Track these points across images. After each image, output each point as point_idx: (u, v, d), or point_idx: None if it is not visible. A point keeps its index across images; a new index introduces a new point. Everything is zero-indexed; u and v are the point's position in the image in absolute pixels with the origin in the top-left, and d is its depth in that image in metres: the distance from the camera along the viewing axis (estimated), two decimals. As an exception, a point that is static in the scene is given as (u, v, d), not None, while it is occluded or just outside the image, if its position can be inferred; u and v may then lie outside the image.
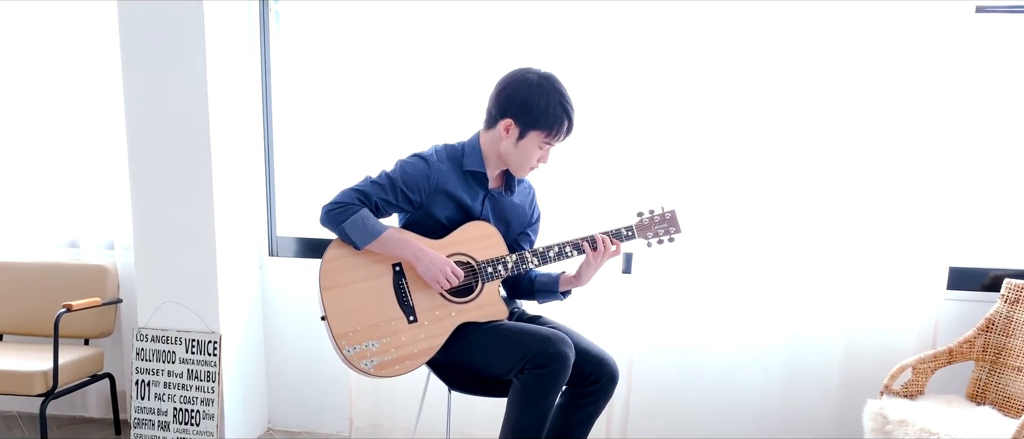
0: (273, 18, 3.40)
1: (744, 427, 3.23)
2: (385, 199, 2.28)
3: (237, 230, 3.34)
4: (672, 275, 3.16)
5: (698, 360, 3.22)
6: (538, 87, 2.24)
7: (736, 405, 3.23)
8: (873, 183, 2.99)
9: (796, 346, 3.14)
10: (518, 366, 2.18)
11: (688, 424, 3.26)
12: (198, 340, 3.26)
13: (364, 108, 3.23)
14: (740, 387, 3.21)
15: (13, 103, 3.62)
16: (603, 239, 2.37)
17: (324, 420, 3.62)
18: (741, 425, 3.23)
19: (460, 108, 3.09)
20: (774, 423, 3.21)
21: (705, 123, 3.05)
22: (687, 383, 3.24)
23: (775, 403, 3.20)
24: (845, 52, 2.92)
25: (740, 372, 3.20)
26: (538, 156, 2.32)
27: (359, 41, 3.19)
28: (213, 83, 3.09)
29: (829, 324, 3.11)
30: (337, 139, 3.40)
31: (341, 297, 2.25)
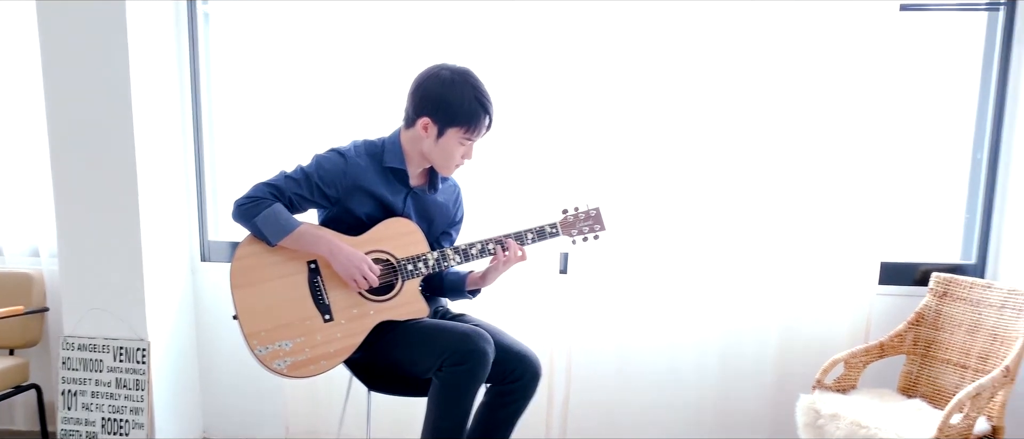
0: (202, 19, 3.33)
1: (682, 423, 3.23)
2: (299, 194, 2.24)
3: (166, 235, 3.26)
4: (609, 274, 3.14)
5: (636, 358, 3.20)
6: (452, 83, 2.21)
7: (674, 402, 3.22)
8: (806, 180, 3.00)
9: (732, 342, 3.15)
10: (437, 364, 2.14)
11: (627, 421, 3.24)
12: (126, 348, 3.18)
13: (297, 109, 3.16)
14: (677, 384, 3.20)
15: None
16: (511, 244, 2.34)
17: (261, 426, 3.55)
18: (679, 421, 3.23)
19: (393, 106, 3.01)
20: (710, 419, 3.21)
21: (641, 121, 3.03)
22: (625, 381, 3.22)
23: (711, 399, 3.20)
24: (775, 50, 2.93)
25: (677, 369, 3.19)
26: (461, 152, 2.29)
27: (291, 41, 3.13)
28: (137, 85, 3.01)
29: (764, 320, 3.11)
30: (270, 141, 3.32)
31: (253, 296, 2.20)
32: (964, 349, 2.83)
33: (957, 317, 2.88)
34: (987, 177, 3.05)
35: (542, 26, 2.97)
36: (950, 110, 3.12)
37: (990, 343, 2.76)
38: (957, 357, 2.84)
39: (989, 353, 2.75)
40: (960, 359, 2.83)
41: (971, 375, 2.78)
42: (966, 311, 2.86)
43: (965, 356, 2.82)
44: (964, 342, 2.83)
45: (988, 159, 3.04)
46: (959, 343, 2.84)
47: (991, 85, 3.01)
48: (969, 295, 2.87)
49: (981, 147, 3.06)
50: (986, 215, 3.07)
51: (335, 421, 3.35)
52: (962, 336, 2.84)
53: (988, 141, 3.04)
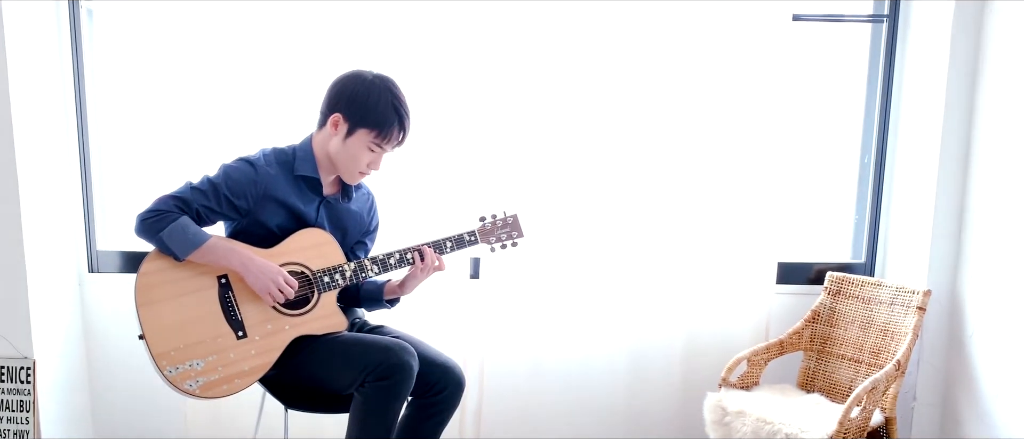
0: (85, 16, 3.14)
1: (593, 425, 3.25)
2: (207, 206, 2.14)
3: (50, 246, 3.05)
4: (520, 280, 3.14)
5: (547, 363, 3.21)
6: (371, 84, 2.16)
7: (585, 405, 3.24)
8: (705, 185, 3.07)
9: (640, 345, 3.19)
10: (359, 379, 2.09)
11: (540, 425, 3.25)
12: (8, 367, 2.96)
13: (191, 111, 3.00)
14: (588, 389, 3.23)
15: None
16: (429, 252, 2.31)
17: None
18: (590, 424, 3.25)
19: (295, 110, 2.94)
20: (620, 422, 3.25)
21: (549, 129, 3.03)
22: (538, 385, 3.23)
23: (622, 401, 3.24)
24: (673, 57, 2.97)
25: (588, 374, 3.21)
26: (368, 160, 2.23)
27: (182, 40, 2.97)
28: (15, 85, 2.80)
29: (670, 322, 3.18)
30: (162, 144, 3.18)
31: (160, 313, 2.09)
32: (857, 344, 2.97)
33: (850, 314, 3.02)
34: (874, 180, 3.21)
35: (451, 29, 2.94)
36: (838, 115, 3.27)
37: (881, 338, 2.91)
38: (851, 352, 2.98)
39: (881, 348, 2.90)
40: (854, 354, 2.98)
41: (865, 369, 2.92)
42: (858, 308, 3.01)
43: (859, 351, 2.97)
44: (857, 338, 2.98)
45: (875, 162, 3.20)
46: (853, 339, 2.99)
47: (876, 92, 3.17)
48: (860, 293, 3.01)
49: (868, 151, 3.23)
50: (874, 216, 3.24)
51: (239, 428, 3.23)
52: (855, 332, 2.99)
53: (875, 145, 3.20)
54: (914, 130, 3.06)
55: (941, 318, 3.03)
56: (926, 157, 2.98)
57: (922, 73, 3.01)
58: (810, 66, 3.17)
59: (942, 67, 2.88)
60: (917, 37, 3.03)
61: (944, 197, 2.94)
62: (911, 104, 3.07)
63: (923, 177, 3.00)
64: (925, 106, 2.99)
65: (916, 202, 3.05)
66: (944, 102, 2.88)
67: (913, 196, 3.07)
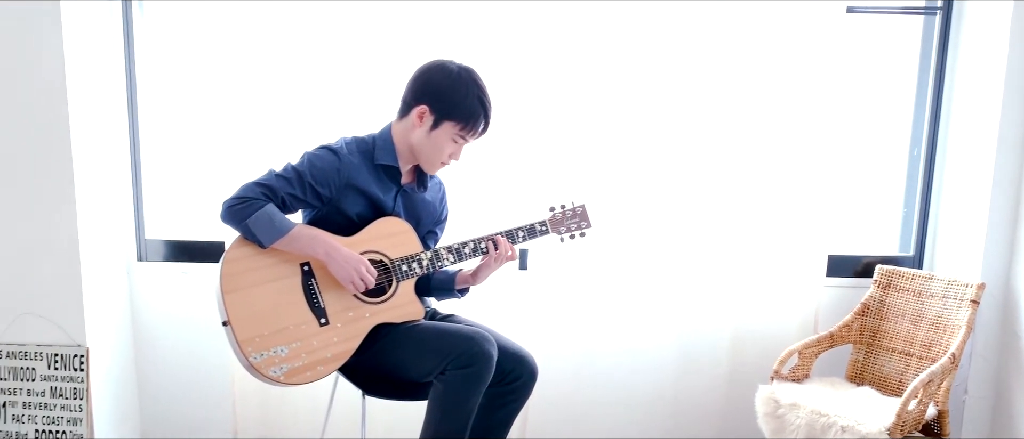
0: (137, 11, 3.17)
1: (640, 419, 3.27)
2: (292, 194, 2.14)
3: (103, 234, 3.06)
4: (568, 272, 3.15)
5: (595, 355, 3.22)
6: (458, 77, 2.17)
7: (632, 398, 3.26)
8: (756, 178, 3.08)
9: (688, 338, 3.21)
10: (440, 367, 2.10)
11: (586, 418, 3.27)
12: (62, 355, 2.97)
13: (235, 103, 3.02)
14: (635, 381, 3.25)
15: None
16: (503, 242, 2.32)
17: (206, 432, 3.39)
18: (636, 417, 3.27)
19: (335, 103, 3.00)
20: (667, 414, 3.27)
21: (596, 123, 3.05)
22: (585, 378, 3.25)
23: (668, 394, 3.26)
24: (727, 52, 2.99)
25: (635, 365, 3.23)
26: (450, 151, 2.25)
27: (226, 36, 3.00)
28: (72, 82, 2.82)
29: (718, 315, 3.19)
30: (209, 135, 3.20)
31: (245, 300, 2.10)
32: (908, 338, 2.99)
33: (900, 307, 3.04)
34: (924, 172, 3.23)
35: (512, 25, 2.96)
36: (889, 108, 3.29)
37: (933, 332, 2.93)
38: (902, 346, 3.00)
39: (932, 341, 2.92)
40: (905, 348, 2.99)
41: (916, 363, 2.94)
42: (909, 301, 3.02)
43: (909, 345, 2.98)
44: (908, 331, 3.00)
45: (925, 155, 3.21)
46: (903, 332, 3.01)
47: (928, 84, 3.18)
48: (911, 286, 3.03)
49: (918, 143, 3.24)
50: (923, 209, 3.25)
51: (290, 428, 3.24)
52: (906, 325, 3.01)
53: (925, 138, 3.21)
54: (968, 121, 3.07)
55: (994, 312, 3.05)
56: (982, 149, 2.99)
57: (977, 64, 3.01)
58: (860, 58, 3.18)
59: (1001, 58, 2.87)
60: (972, 28, 3.04)
61: (1000, 190, 2.95)
62: (965, 95, 3.08)
63: (978, 169, 3.01)
64: (981, 97, 2.99)
65: (970, 195, 3.06)
66: (1002, 93, 2.88)
67: (966, 189, 3.08)
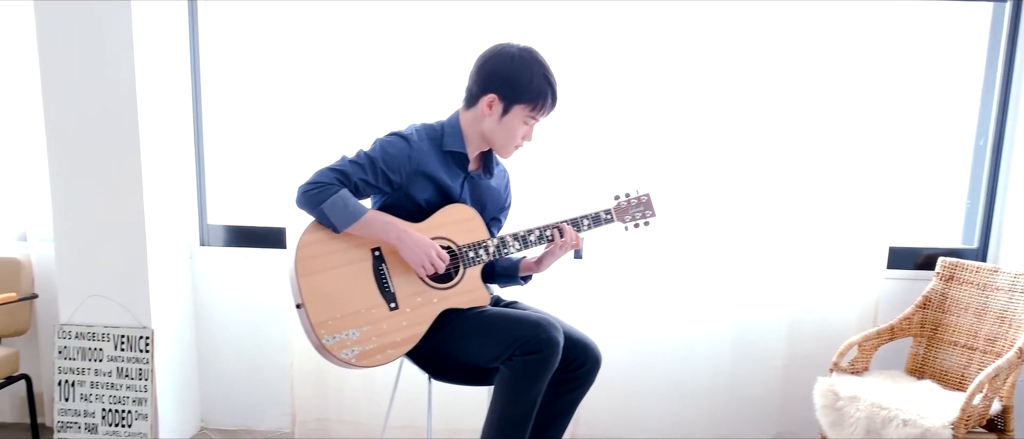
0: (203, 8, 3.27)
1: (693, 409, 3.27)
2: (365, 180, 2.17)
3: (167, 219, 3.13)
4: (623, 259, 3.15)
5: (648, 344, 3.23)
6: (521, 60, 2.18)
7: (685, 387, 3.26)
8: (817, 167, 3.07)
9: (744, 328, 3.20)
10: (507, 353, 2.11)
11: (639, 407, 3.27)
12: (128, 336, 3.04)
13: (294, 94, 3.10)
14: (690, 370, 3.24)
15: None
16: (568, 230, 2.33)
17: (263, 416, 3.45)
18: (690, 408, 3.27)
19: (390, 91, 3.06)
20: (721, 404, 3.26)
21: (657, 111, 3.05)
22: (637, 367, 3.25)
23: (723, 384, 3.25)
24: (790, 41, 2.97)
25: (690, 355, 3.23)
26: (522, 133, 2.26)
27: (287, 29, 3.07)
28: (141, 71, 2.90)
29: (776, 306, 3.18)
30: (269, 125, 3.27)
31: (319, 283, 2.13)
32: (971, 331, 2.95)
33: (964, 300, 2.99)
34: (990, 164, 3.17)
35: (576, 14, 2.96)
36: (955, 97, 3.22)
37: (998, 326, 2.88)
38: (965, 339, 2.96)
39: (997, 335, 2.87)
40: (968, 341, 2.95)
41: (979, 357, 2.90)
42: (973, 294, 2.98)
43: (973, 338, 2.94)
44: (971, 325, 2.95)
45: (992, 146, 3.16)
46: (966, 326, 2.96)
47: (996, 74, 3.12)
48: (975, 279, 2.99)
49: (984, 134, 3.18)
50: (989, 201, 3.19)
51: (346, 413, 3.29)
52: (969, 319, 2.96)
53: (992, 128, 3.15)
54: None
55: (1062, 306, 2.99)
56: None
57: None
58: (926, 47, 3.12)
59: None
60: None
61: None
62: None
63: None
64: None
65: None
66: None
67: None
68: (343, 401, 3.28)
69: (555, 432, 2.33)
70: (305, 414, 3.31)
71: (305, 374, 3.25)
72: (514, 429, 2.16)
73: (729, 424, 3.28)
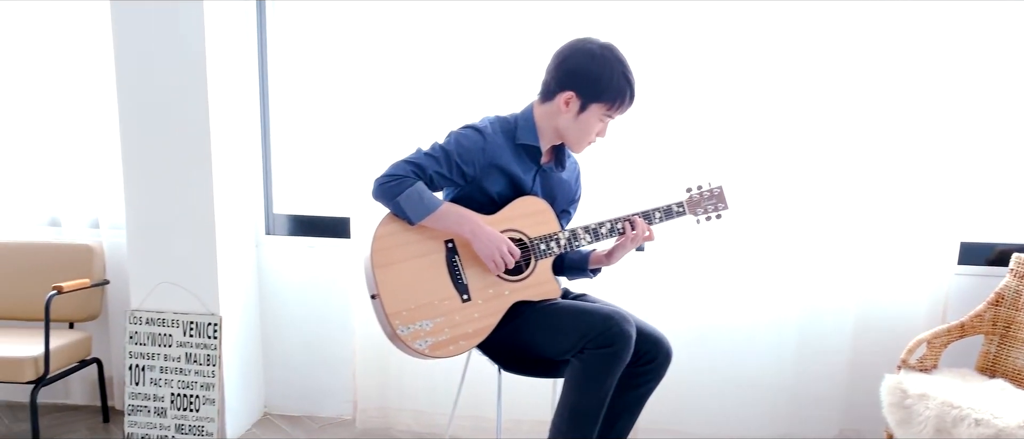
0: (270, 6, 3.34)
1: (753, 404, 3.23)
2: (439, 172, 2.18)
3: (235, 208, 3.19)
4: (685, 252, 3.13)
5: (708, 338, 3.20)
6: (602, 58, 2.16)
7: (745, 382, 3.22)
8: (886, 159, 3.01)
9: (809, 322, 3.15)
10: (578, 345, 2.11)
11: (697, 402, 3.25)
12: (197, 322, 3.10)
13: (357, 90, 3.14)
14: (751, 364, 3.21)
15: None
16: (640, 222, 2.32)
17: (325, 403, 3.51)
18: (751, 402, 3.23)
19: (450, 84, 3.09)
20: (784, 400, 3.22)
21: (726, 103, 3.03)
22: (698, 361, 3.22)
23: (785, 380, 3.20)
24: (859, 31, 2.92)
25: (751, 349, 3.19)
26: (598, 130, 2.25)
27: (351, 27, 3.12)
28: (212, 63, 2.97)
29: (841, 300, 3.12)
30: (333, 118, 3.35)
31: (394, 274, 2.15)
32: (1047, 330, 2.87)
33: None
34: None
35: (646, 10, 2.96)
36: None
37: (1075, 324, 2.81)
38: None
39: (1074, 334, 2.80)
40: (1043, 340, 2.88)
41: (1055, 356, 2.83)
42: (1049, 292, 2.90)
43: (1048, 337, 2.87)
44: (1047, 323, 2.88)
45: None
46: (1042, 324, 2.89)
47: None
48: (1052, 277, 2.91)
49: (1064, 127, 3.09)
50: (1068, 197, 3.11)
51: (407, 400, 3.32)
52: (1045, 317, 2.89)
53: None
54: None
55: None
56: None
57: None
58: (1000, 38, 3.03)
59: None
60: None
61: None
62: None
63: None
64: None
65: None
66: None
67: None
68: (404, 390, 3.31)
69: (622, 427, 2.33)
70: (366, 402, 3.35)
71: (367, 362, 3.29)
72: (584, 422, 2.16)
73: (790, 420, 3.23)
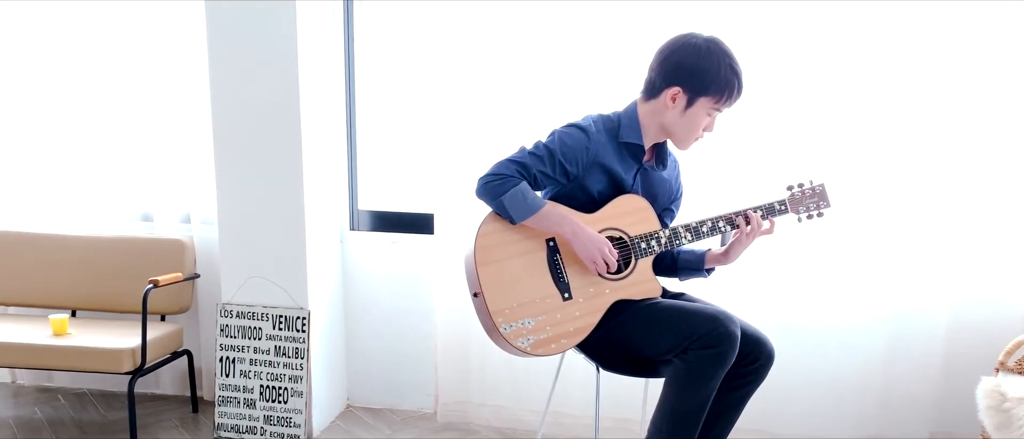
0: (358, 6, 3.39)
1: (842, 405, 3.16)
2: (544, 171, 2.18)
3: (322, 204, 3.24)
4: (772, 248, 3.07)
5: (798, 336, 3.14)
6: (707, 52, 2.14)
7: (835, 382, 3.15)
8: (983, 156, 2.92)
9: (900, 322, 3.07)
10: (682, 346, 2.10)
11: (784, 401, 3.18)
12: (286, 316, 3.16)
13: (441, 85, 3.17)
14: (841, 364, 3.13)
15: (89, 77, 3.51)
16: (756, 217, 2.29)
17: (405, 396, 3.55)
18: (840, 403, 3.16)
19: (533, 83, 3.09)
20: (873, 401, 3.15)
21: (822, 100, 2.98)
22: (784, 360, 3.13)
23: (876, 380, 3.13)
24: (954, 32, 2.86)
25: (842, 349, 3.12)
26: (705, 125, 2.23)
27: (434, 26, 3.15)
28: (304, 63, 3.02)
29: (934, 299, 3.04)
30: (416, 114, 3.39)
31: (497, 273, 2.16)
32: None
33: None
34: None
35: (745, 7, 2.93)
36: None
37: None
38: None
39: None
40: None
41: None
42: None
43: None
44: None
45: None
46: None
47: None
48: None
49: None
50: None
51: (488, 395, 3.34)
52: None
53: None
54: None
55: None
56: None
57: None
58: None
59: None
60: None
61: None
62: None
63: None
64: None
65: None
66: None
67: None
68: (485, 385, 3.33)
69: (722, 428, 2.30)
70: (447, 396, 3.38)
71: (448, 357, 3.32)
72: (685, 424, 2.15)
73: (880, 422, 3.16)
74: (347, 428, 3.34)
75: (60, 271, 3.42)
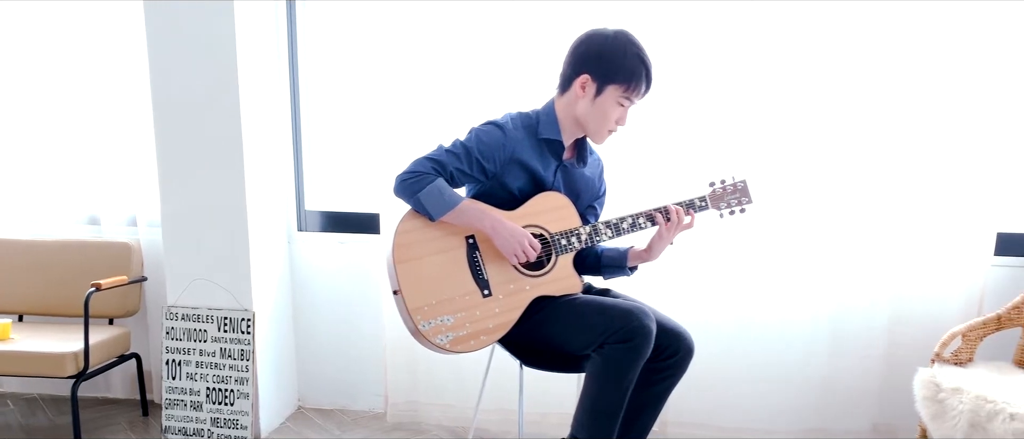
0: (300, 8, 3.39)
1: (786, 398, 3.20)
2: (460, 169, 2.20)
3: (267, 205, 3.24)
4: (715, 244, 3.10)
5: (740, 332, 3.17)
6: (614, 39, 2.18)
7: (778, 376, 3.18)
8: (921, 150, 2.95)
9: (841, 315, 3.10)
10: (598, 340, 2.12)
11: (728, 396, 3.21)
12: (231, 318, 3.16)
13: (387, 84, 3.17)
14: (783, 358, 3.17)
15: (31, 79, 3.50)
16: (677, 210, 2.31)
17: (357, 397, 3.56)
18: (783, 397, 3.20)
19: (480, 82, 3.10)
20: (816, 394, 3.17)
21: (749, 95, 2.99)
22: (731, 356, 3.19)
23: (818, 373, 3.16)
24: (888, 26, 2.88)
25: (784, 343, 3.15)
26: (616, 116, 2.25)
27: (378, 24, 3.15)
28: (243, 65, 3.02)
29: (875, 293, 3.07)
30: (362, 115, 3.39)
31: (415, 270, 2.18)
32: (1087, 323, 2.80)
33: (1079, 290, 2.85)
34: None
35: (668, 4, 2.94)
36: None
37: (1116, 317, 2.74)
38: (1080, 331, 2.82)
39: (1115, 327, 2.73)
40: (1083, 333, 2.81)
41: (1096, 349, 2.76)
42: (1089, 284, 2.83)
43: (1089, 330, 2.80)
44: (1088, 316, 2.81)
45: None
46: (1082, 317, 2.82)
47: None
48: (1092, 268, 2.84)
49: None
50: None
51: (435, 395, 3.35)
52: (1086, 309, 2.82)
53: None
54: None
55: None
56: None
57: None
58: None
59: None
60: None
61: None
62: None
63: None
64: None
65: None
66: None
67: None
68: (433, 384, 3.34)
69: (644, 422, 2.33)
70: (397, 396, 3.39)
71: (397, 357, 3.33)
72: (605, 417, 2.17)
73: (823, 414, 3.19)
74: (296, 429, 3.35)
75: (5, 276, 3.42)
